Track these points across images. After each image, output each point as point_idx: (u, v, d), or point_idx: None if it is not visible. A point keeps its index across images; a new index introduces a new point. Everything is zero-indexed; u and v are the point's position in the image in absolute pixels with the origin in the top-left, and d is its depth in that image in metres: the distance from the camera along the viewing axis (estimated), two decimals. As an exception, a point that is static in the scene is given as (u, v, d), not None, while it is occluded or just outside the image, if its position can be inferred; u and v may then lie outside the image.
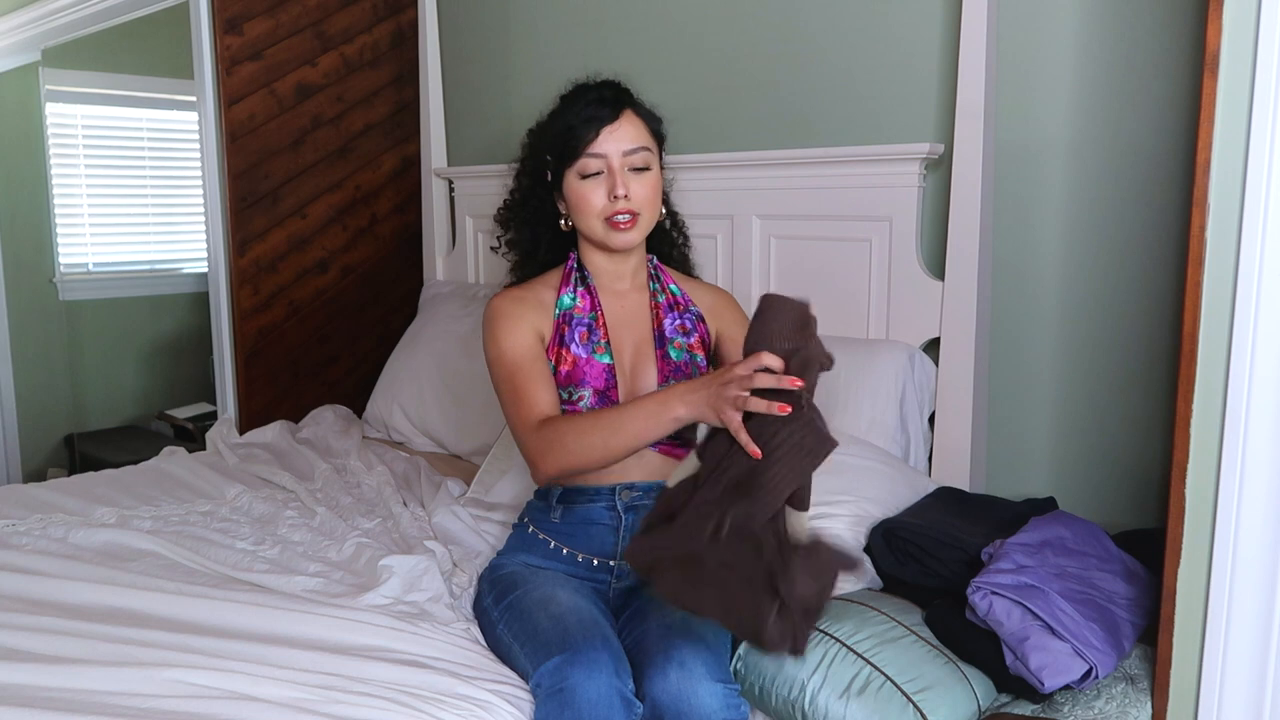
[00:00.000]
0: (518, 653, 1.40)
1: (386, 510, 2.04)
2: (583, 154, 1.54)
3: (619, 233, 1.57)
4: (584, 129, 1.54)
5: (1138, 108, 1.71)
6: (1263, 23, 1.16)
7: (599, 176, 1.55)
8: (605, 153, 1.54)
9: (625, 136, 1.55)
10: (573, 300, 1.63)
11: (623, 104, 1.57)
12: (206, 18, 2.70)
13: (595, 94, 1.57)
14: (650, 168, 1.57)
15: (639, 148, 1.56)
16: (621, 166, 1.54)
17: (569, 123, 1.56)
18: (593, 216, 1.57)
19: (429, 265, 2.97)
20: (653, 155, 1.58)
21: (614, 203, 1.54)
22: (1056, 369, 1.85)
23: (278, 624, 1.48)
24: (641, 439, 1.39)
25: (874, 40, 2.02)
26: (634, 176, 1.56)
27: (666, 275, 1.71)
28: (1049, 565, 1.44)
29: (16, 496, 2.06)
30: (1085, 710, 1.35)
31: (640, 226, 1.58)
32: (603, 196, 1.55)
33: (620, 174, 1.54)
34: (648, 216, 1.59)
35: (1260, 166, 1.18)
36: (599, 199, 1.55)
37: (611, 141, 1.54)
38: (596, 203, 1.55)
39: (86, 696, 1.27)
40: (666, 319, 1.65)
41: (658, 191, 1.60)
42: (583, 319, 1.61)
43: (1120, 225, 1.75)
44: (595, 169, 1.55)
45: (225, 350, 2.88)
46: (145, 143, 4.23)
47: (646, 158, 1.57)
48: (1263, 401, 1.20)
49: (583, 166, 1.55)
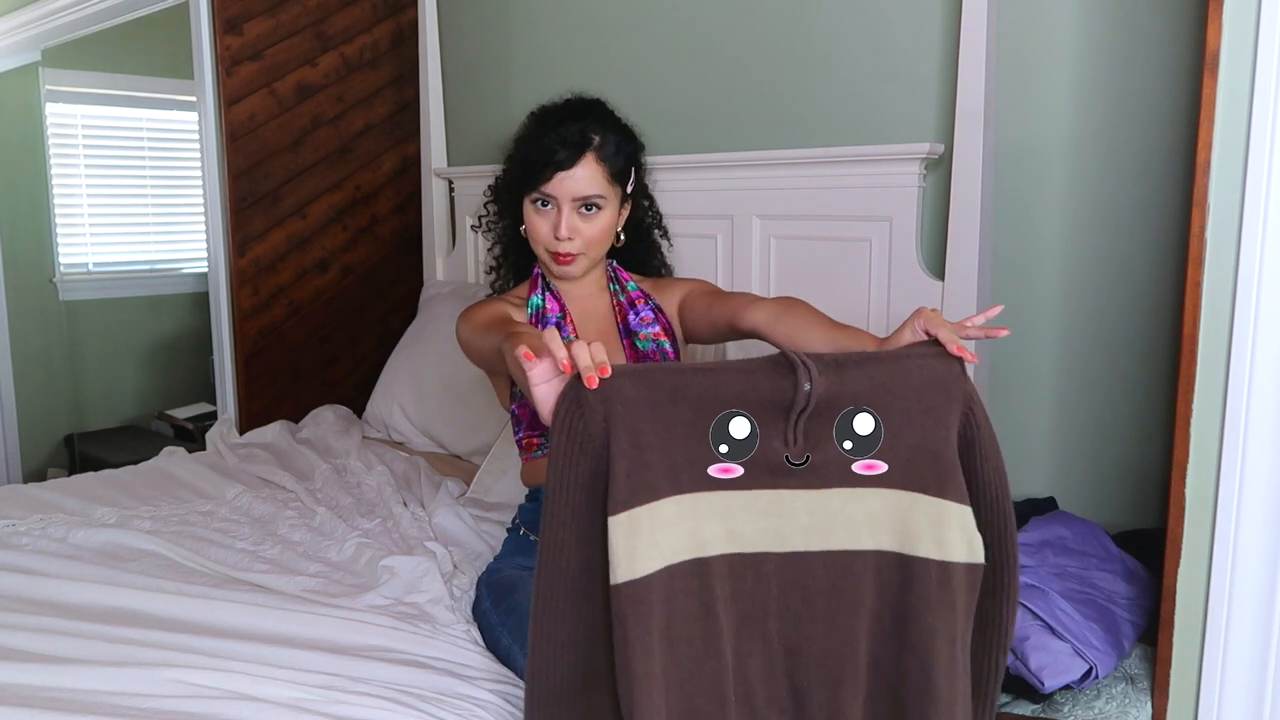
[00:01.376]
0: (517, 654, 1.40)
1: (386, 510, 2.04)
2: (536, 190, 1.58)
3: (560, 266, 1.62)
4: (541, 167, 1.56)
5: (1138, 108, 1.71)
6: (1263, 23, 1.16)
7: (549, 210, 1.59)
8: (555, 195, 1.58)
9: (578, 185, 1.57)
10: (541, 301, 1.68)
11: (584, 147, 1.57)
12: (206, 18, 2.70)
13: (558, 133, 1.56)
14: (602, 208, 1.60)
15: (592, 195, 1.58)
16: (571, 210, 1.58)
17: (528, 154, 1.59)
18: (538, 243, 1.63)
19: (429, 265, 2.97)
20: (606, 199, 1.60)
21: (557, 242, 1.59)
22: (1056, 369, 1.85)
23: (278, 624, 1.48)
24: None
25: (874, 40, 2.02)
26: (582, 218, 1.60)
27: (625, 275, 1.75)
28: (1049, 565, 1.44)
29: (16, 496, 2.06)
30: (1085, 710, 1.35)
31: (580, 264, 1.63)
32: (549, 229, 1.59)
33: (567, 216, 1.58)
34: (593, 255, 1.63)
35: (1260, 166, 1.18)
36: (545, 229, 1.60)
37: (563, 187, 1.57)
38: (543, 232, 1.61)
39: (86, 696, 1.27)
40: (630, 314, 1.69)
41: (607, 231, 1.63)
42: (551, 318, 1.66)
43: (1120, 225, 1.75)
44: (545, 201, 1.59)
45: (225, 350, 2.88)
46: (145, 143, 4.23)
47: (597, 200, 1.59)
48: (1263, 401, 1.20)
49: (534, 195, 1.59)
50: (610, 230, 1.64)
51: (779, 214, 2.12)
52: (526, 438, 1.65)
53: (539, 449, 1.64)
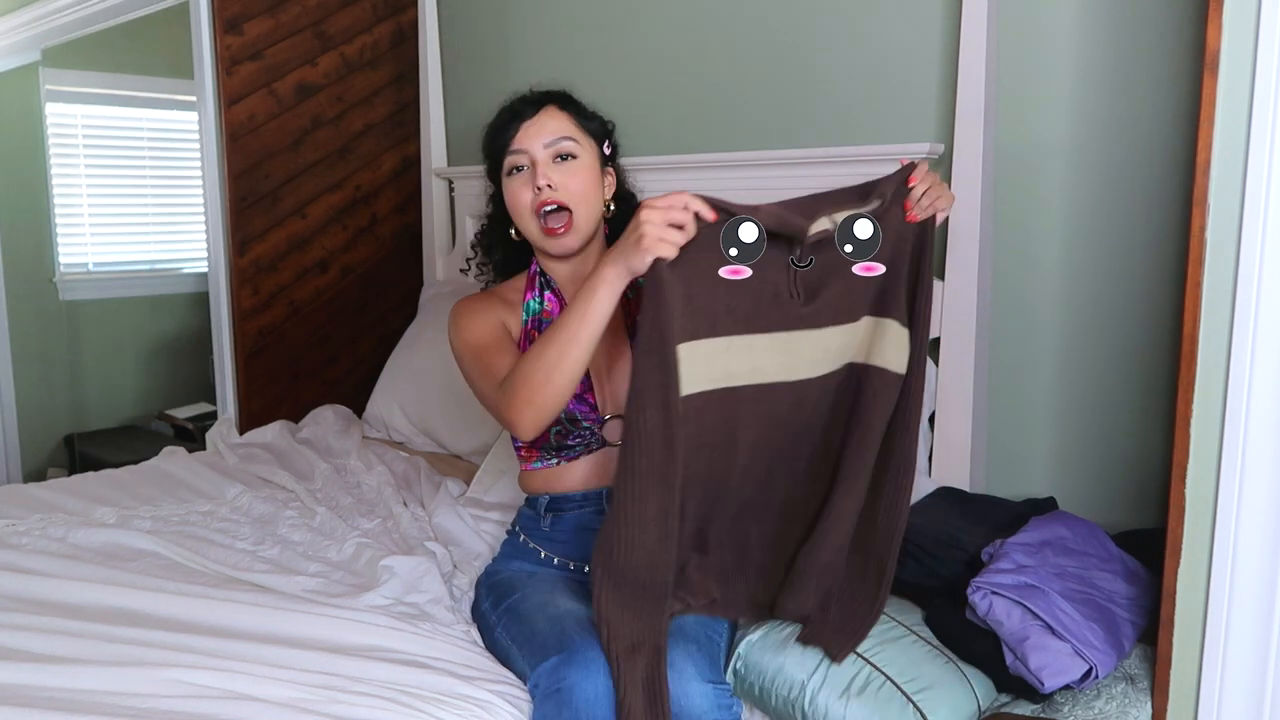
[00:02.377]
0: (516, 654, 1.40)
1: (386, 510, 2.04)
2: (507, 152, 1.54)
3: (554, 239, 1.53)
4: (505, 128, 1.55)
5: (1138, 108, 1.71)
6: (1263, 23, 1.16)
7: (525, 173, 1.54)
8: (525, 148, 1.53)
9: (544, 129, 1.53)
10: (540, 304, 1.62)
11: (545, 101, 1.57)
12: (206, 18, 2.70)
13: (521, 97, 1.59)
14: (577, 156, 1.54)
15: (560, 137, 1.53)
16: (545, 159, 1.53)
17: (494, 125, 1.57)
18: (525, 216, 1.54)
19: (429, 265, 2.97)
20: (580, 145, 1.55)
21: (539, 193, 1.51)
22: (1056, 369, 1.85)
23: (278, 624, 1.49)
24: (589, 326, 1.29)
25: (874, 40, 2.02)
26: (558, 166, 1.52)
27: None
28: (1049, 565, 1.44)
29: (16, 496, 2.06)
30: (1085, 710, 1.35)
31: (575, 229, 1.53)
32: (529, 192, 1.53)
33: (544, 165, 1.52)
34: (582, 212, 1.53)
35: (1260, 166, 1.18)
36: (526, 194, 1.53)
37: (529, 136, 1.53)
38: (525, 198, 1.53)
39: (86, 696, 1.27)
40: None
41: (590, 185, 1.54)
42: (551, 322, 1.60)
43: (1120, 225, 1.75)
44: (519, 164, 1.54)
45: (225, 350, 2.88)
46: (145, 143, 4.23)
47: (570, 146, 1.54)
48: (1263, 401, 1.20)
49: (508, 164, 1.55)
50: (594, 185, 1.55)
51: (779, 214, 2.12)
52: (526, 449, 1.62)
53: (538, 460, 1.62)
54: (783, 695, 1.36)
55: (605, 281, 1.27)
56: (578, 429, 1.57)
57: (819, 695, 1.32)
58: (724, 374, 1.27)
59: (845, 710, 1.30)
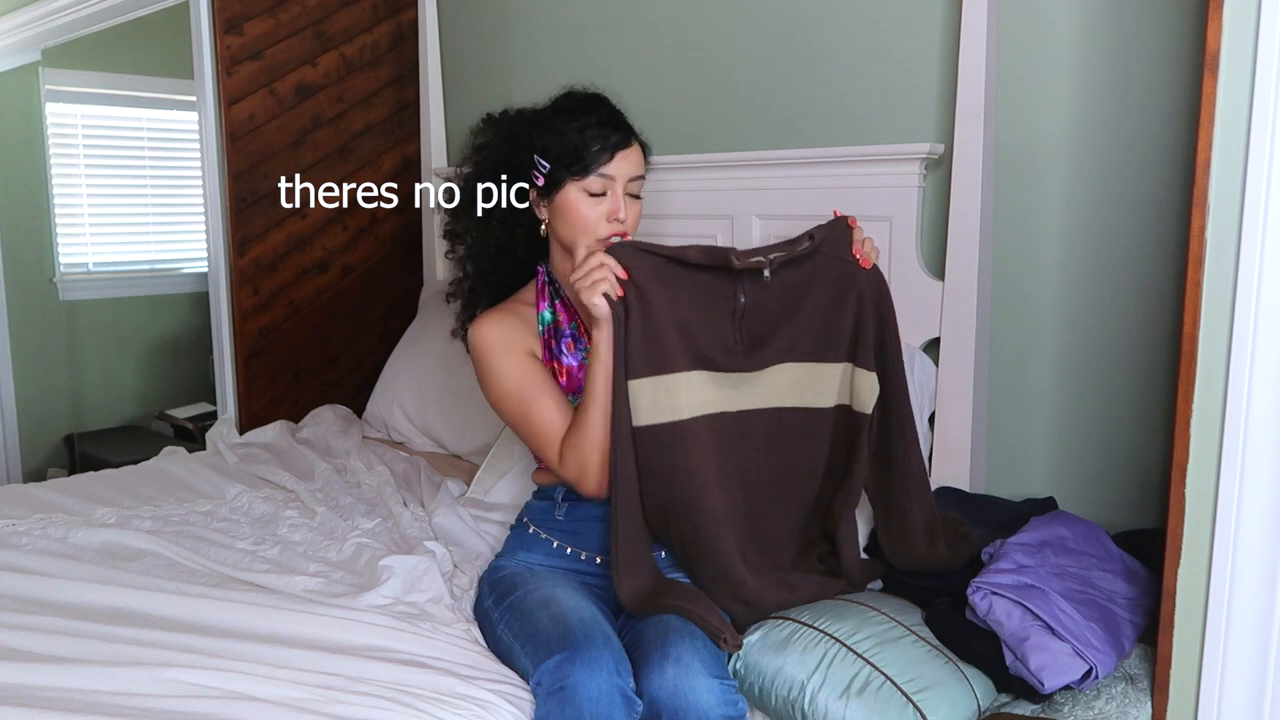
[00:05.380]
0: (519, 652, 1.40)
1: (386, 510, 2.04)
2: (593, 172, 1.56)
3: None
4: (599, 146, 1.56)
5: (1138, 108, 1.71)
6: (1263, 23, 1.16)
7: (601, 197, 1.57)
8: (615, 175, 1.56)
9: (633, 164, 1.59)
10: (552, 314, 1.64)
11: (632, 130, 1.61)
12: (206, 18, 2.70)
13: (606, 113, 1.60)
14: (640, 198, 1.62)
15: (639, 176, 1.61)
16: (623, 192, 1.58)
17: (581, 138, 1.56)
18: (586, 232, 1.57)
19: (429, 265, 2.97)
20: (642, 186, 1.63)
21: (611, 225, 1.57)
22: (1056, 369, 1.85)
23: (278, 624, 1.49)
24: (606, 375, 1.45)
25: (874, 40, 2.02)
26: (630, 202, 1.60)
27: None
28: (1049, 565, 1.44)
29: (16, 496, 2.06)
30: (1085, 710, 1.35)
31: None
32: (601, 216, 1.57)
33: (622, 198, 1.57)
34: None
35: (1260, 166, 1.18)
36: (597, 217, 1.57)
37: (624, 166, 1.57)
38: (594, 220, 1.56)
39: (86, 696, 1.27)
40: None
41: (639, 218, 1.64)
42: (565, 330, 1.63)
43: (1120, 225, 1.75)
44: (600, 189, 1.57)
45: (225, 350, 2.88)
46: (145, 143, 4.23)
47: (639, 187, 1.62)
48: (1263, 401, 1.20)
49: (589, 184, 1.56)
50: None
51: (779, 214, 2.12)
52: None
53: None
54: (783, 695, 1.36)
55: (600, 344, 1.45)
56: None
57: (819, 695, 1.32)
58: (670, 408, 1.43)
59: (845, 710, 1.30)
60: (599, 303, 1.41)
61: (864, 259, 1.52)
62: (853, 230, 1.54)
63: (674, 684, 1.29)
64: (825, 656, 1.36)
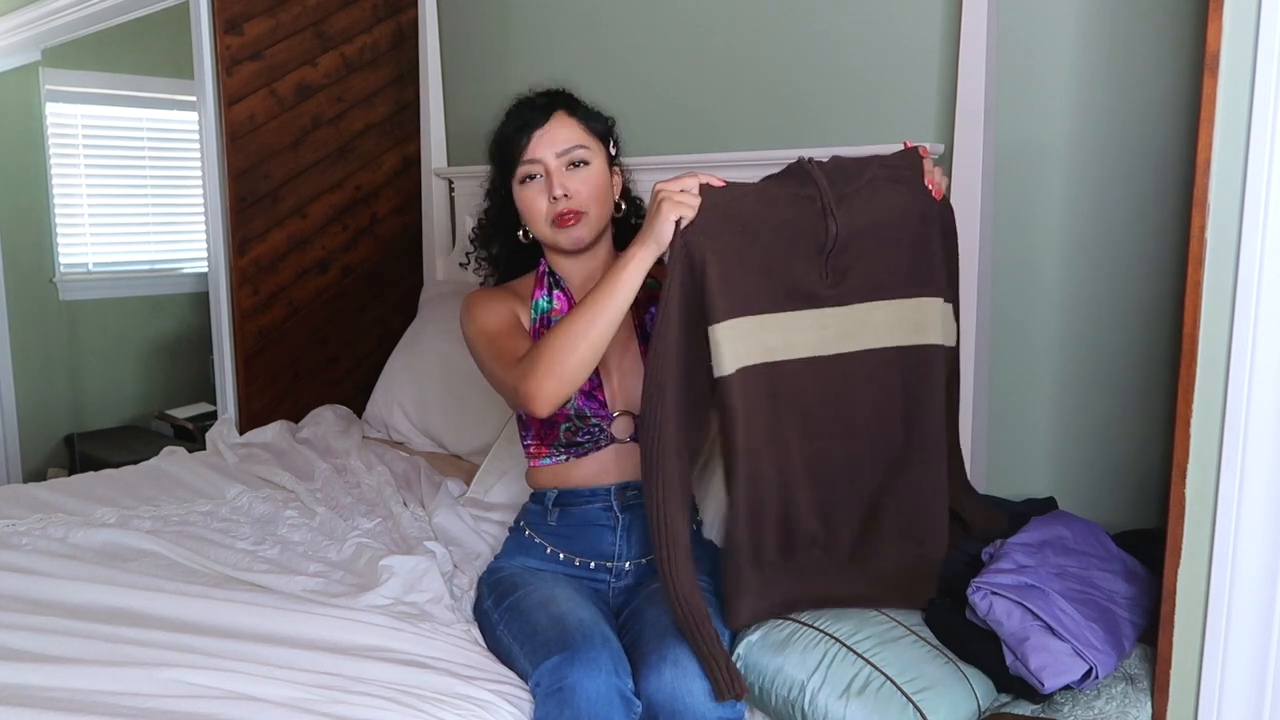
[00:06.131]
0: (518, 653, 1.40)
1: (386, 510, 2.04)
2: (520, 162, 1.56)
3: (565, 230, 1.56)
4: (516, 137, 1.56)
5: (1138, 108, 1.71)
6: (1263, 23, 1.16)
7: (538, 181, 1.56)
8: (539, 157, 1.55)
9: (556, 138, 1.56)
10: (549, 303, 1.64)
11: (554, 107, 1.58)
12: (206, 18, 2.70)
13: (528, 102, 1.60)
14: (589, 163, 1.57)
15: (573, 145, 1.56)
16: (558, 167, 1.55)
17: (504, 134, 1.59)
18: (540, 222, 1.58)
19: (429, 265, 2.97)
20: (591, 151, 1.58)
21: (555, 203, 1.55)
22: (1056, 369, 1.85)
23: (278, 624, 1.49)
24: (617, 299, 1.36)
25: (874, 40, 2.02)
26: (572, 174, 1.56)
27: None
28: (1049, 565, 1.44)
29: (16, 496, 2.06)
30: (1085, 710, 1.35)
31: (587, 223, 1.57)
32: (544, 200, 1.56)
33: (557, 174, 1.55)
34: (595, 213, 1.57)
35: (1260, 166, 1.18)
36: (541, 203, 1.56)
37: (542, 145, 1.55)
38: (540, 207, 1.56)
39: (86, 696, 1.27)
40: (646, 314, 1.65)
41: (602, 187, 1.58)
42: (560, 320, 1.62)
43: (1120, 225, 1.75)
44: (532, 173, 1.56)
45: (225, 350, 2.88)
46: (145, 143, 4.24)
47: (583, 153, 1.57)
48: (1263, 401, 1.20)
49: (521, 174, 1.57)
50: (606, 187, 1.60)
51: (779, 214, 2.12)
52: (535, 445, 1.64)
53: (546, 456, 1.63)
54: (783, 695, 1.36)
55: (634, 258, 1.35)
56: (586, 425, 1.58)
57: (819, 695, 1.32)
58: (762, 350, 1.35)
59: (845, 710, 1.30)
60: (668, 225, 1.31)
61: (936, 189, 1.44)
62: (924, 160, 1.46)
63: (671, 686, 1.29)
64: (825, 656, 1.36)
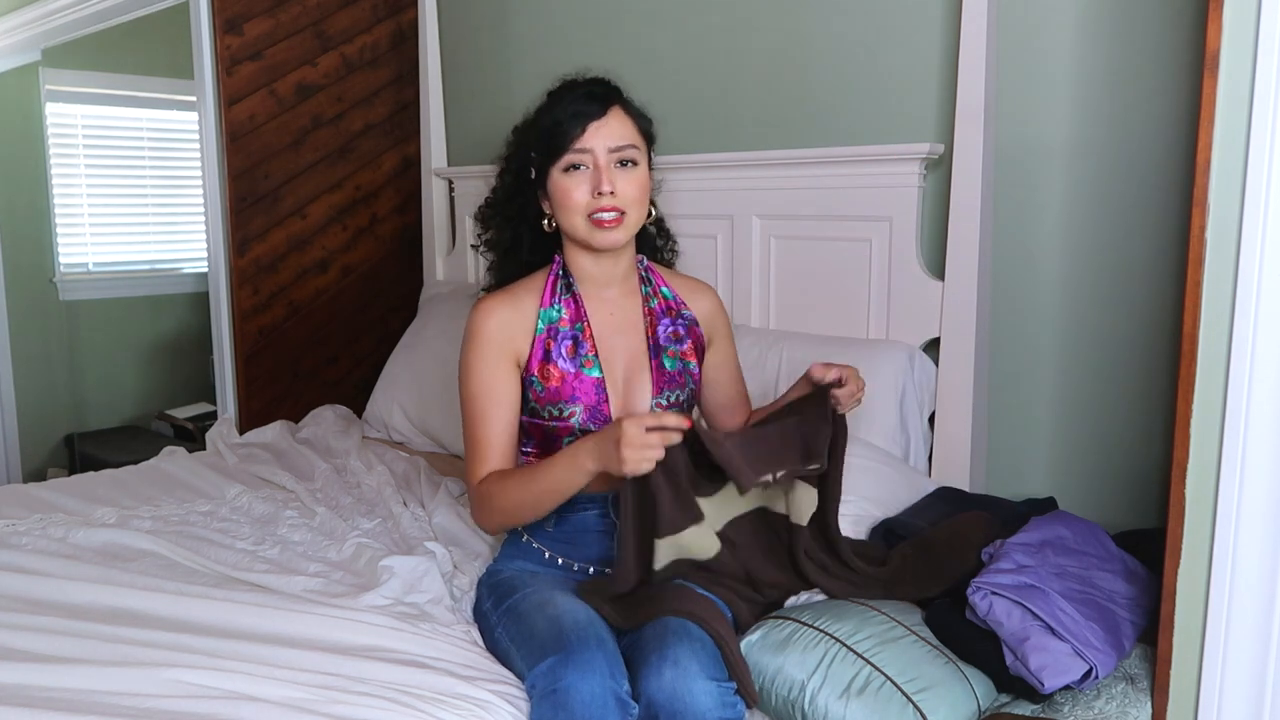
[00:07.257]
0: (515, 655, 1.40)
1: (386, 510, 2.04)
2: (569, 149, 1.51)
3: (603, 231, 1.52)
4: (571, 124, 1.51)
5: (1138, 108, 1.71)
6: (1263, 23, 1.16)
7: (584, 172, 1.51)
8: (591, 148, 1.50)
9: (613, 133, 1.52)
10: (558, 312, 1.58)
11: (611, 100, 1.54)
12: (206, 18, 2.70)
13: (584, 89, 1.55)
14: (638, 164, 1.54)
15: (627, 144, 1.53)
16: (608, 163, 1.51)
17: (556, 118, 1.52)
18: (576, 213, 1.52)
19: (429, 265, 2.97)
20: (640, 152, 1.55)
21: (598, 199, 1.50)
22: (1056, 369, 1.85)
23: (278, 624, 1.48)
24: (563, 493, 1.45)
25: (874, 40, 2.02)
26: (620, 173, 1.52)
27: (658, 277, 1.67)
28: (1049, 565, 1.44)
29: (16, 496, 2.06)
30: (1085, 710, 1.35)
31: (626, 225, 1.53)
32: (586, 192, 1.51)
33: (606, 170, 1.50)
34: (634, 216, 1.54)
35: (1260, 166, 1.18)
36: (582, 194, 1.51)
37: (599, 137, 1.51)
38: (580, 198, 1.51)
39: (86, 696, 1.27)
40: (660, 325, 1.62)
41: (645, 190, 1.55)
42: (568, 331, 1.57)
43: (1120, 225, 1.75)
44: (579, 163, 1.51)
45: (225, 350, 2.88)
46: (145, 143, 4.24)
47: (634, 154, 1.53)
48: (1263, 401, 1.20)
49: (567, 162, 1.51)
50: (648, 191, 1.56)
51: (779, 214, 2.12)
52: (536, 455, 1.61)
53: None
54: (783, 695, 1.36)
55: (585, 471, 1.42)
56: None
57: (819, 695, 1.32)
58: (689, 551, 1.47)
59: (845, 710, 1.30)
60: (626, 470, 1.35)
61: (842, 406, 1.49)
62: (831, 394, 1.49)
63: (672, 686, 1.29)
64: (825, 656, 1.36)
